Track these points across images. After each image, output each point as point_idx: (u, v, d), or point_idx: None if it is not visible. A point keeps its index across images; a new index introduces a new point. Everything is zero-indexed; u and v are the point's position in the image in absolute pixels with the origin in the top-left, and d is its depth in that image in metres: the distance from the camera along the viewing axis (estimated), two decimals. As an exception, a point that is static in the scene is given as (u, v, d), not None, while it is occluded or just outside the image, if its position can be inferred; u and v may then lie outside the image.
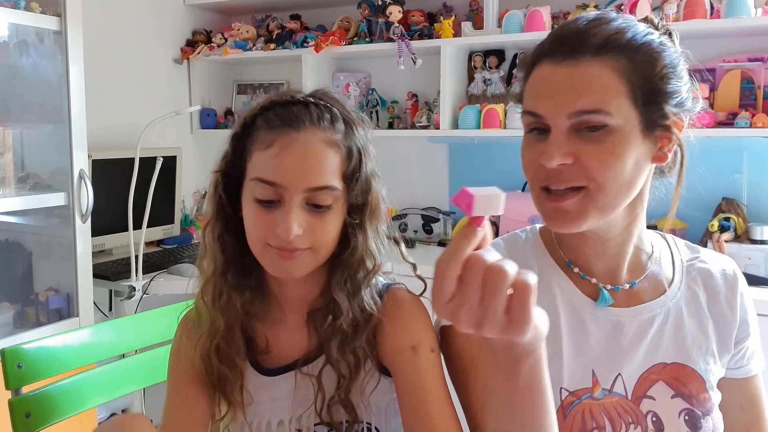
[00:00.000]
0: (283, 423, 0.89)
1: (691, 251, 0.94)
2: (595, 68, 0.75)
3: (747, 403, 0.91)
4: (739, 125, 2.04)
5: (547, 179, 0.78)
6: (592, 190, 0.76)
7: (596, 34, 0.76)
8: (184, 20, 2.93)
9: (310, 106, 0.83)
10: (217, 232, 0.86)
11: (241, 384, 0.89)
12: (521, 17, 2.32)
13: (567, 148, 0.75)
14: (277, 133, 0.80)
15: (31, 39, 1.98)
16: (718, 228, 2.12)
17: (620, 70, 0.75)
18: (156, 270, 2.27)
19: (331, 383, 0.86)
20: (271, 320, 0.91)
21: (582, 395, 0.83)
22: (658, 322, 0.86)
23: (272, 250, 0.81)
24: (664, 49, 0.78)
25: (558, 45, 0.77)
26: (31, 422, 1.16)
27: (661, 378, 0.84)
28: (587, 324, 0.85)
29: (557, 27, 0.81)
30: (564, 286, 0.87)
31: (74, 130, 1.92)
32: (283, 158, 0.79)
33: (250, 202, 0.82)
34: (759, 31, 2.12)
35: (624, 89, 0.75)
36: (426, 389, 0.82)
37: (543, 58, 0.78)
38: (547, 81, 0.77)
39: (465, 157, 2.69)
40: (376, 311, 0.87)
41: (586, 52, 0.75)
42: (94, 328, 1.37)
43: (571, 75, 0.75)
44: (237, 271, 0.87)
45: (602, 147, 0.75)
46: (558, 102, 0.75)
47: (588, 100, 0.74)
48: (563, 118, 0.75)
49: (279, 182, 0.79)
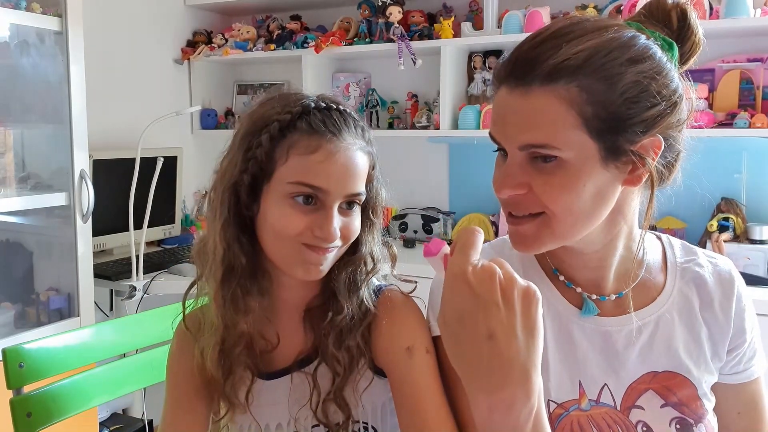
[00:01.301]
0: (282, 426, 0.90)
1: (687, 253, 0.90)
2: (543, 99, 0.70)
3: (744, 407, 0.89)
4: (738, 125, 2.05)
5: (507, 205, 0.78)
6: (549, 217, 0.75)
7: (546, 59, 0.70)
8: (184, 21, 2.93)
9: (344, 113, 0.86)
10: (233, 234, 0.85)
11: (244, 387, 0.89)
12: (521, 18, 2.32)
13: (520, 179, 0.74)
14: (321, 139, 0.82)
15: (31, 39, 1.98)
16: (718, 228, 2.12)
17: (570, 100, 0.70)
18: (157, 270, 2.27)
19: (326, 381, 0.86)
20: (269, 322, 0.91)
21: (570, 407, 0.82)
22: (649, 331, 0.84)
23: (305, 249, 0.82)
24: (629, 66, 0.71)
25: (510, 70, 0.74)
26: (33, 422, 1.16)
27: (651, 387, 0.83)
28: (574, 334, 0.84)
29: (517, 44, 0.75)
30: (549, 295, 0.85)
31: (75, 130, 1.92)
32: (328, 165, 0.81)
33: (284, 203, 0.82)
34: (758, 32, 2.12)
35: (574, 121, 0.70)
36: (421, 390, 0.83)
37: (501, 82, 0.75)
38: (502, 108, 0.75)
39: (465, 157, 2.70)
40: (373, 308, 0.88)
41: (534, 81, 0.71)
42: (94, 327, 1.37)
43: (522, 105, 0.72)
44: (246, 274, 0.87)
45: (553, 179, 0.72)
46: (509, 132, 0.74)
47: (534, 134, 0.71)
48: (514, 147, 0.74)
49: (324, 188, 0.81)
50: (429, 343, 0.86)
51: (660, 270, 0.88)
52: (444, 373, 0.85)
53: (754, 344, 0.89)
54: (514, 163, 0.74)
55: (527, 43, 0.74)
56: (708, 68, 2.20)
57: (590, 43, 0.71)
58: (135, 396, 2.37)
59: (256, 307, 0.87)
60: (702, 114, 2.08)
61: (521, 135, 0.72)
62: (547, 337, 0.82)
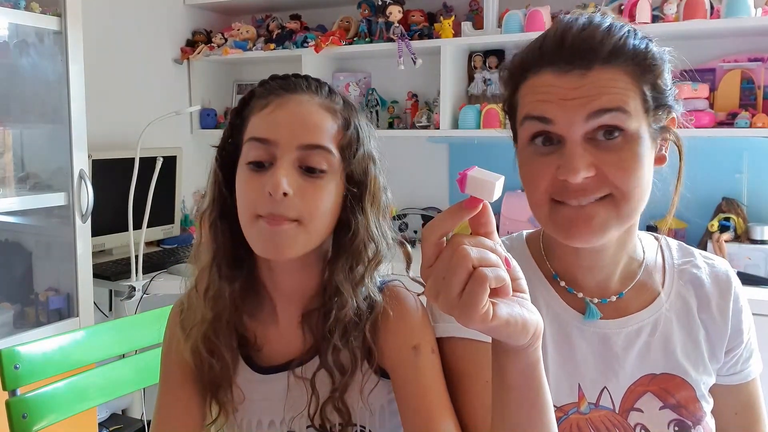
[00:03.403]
0: (275, 423, 0.88)
1: (685, 255, 0.90)
2: (608, 74, 0.72)
3: (741, 408, 0.89)
4: (739, 125, 2.04)
5: (565, 194, 0.74)
6: (617, 198, 0.73)
7: (603, 41, 0.72)
8: (184, 20, 2.93)
9: (310, 79, 0.84)
10: (212, 218, 0.84)
11: (232, 379, 0.87)
12: (521, 17, 2.32)
13: (588, 159, 0.71)
14: (273, 96, 0.80)
15: (31, 39, 1.98)
16: (718, 228, 2.11)
17: (631, 76, 0.73)
18: (156, 270, 2.27)
19: (325, 387, 0.84)
20: (264, 318, 0.90)
21: (569, 410, 0.82)
22: (646, 333, 0.84)
23: (261, 221, 0.77)
24: (661, 53, 0.77)
25: (561, 54, 0.73)
26: (28, 423, 1.16)
27: (649, 389, 0.83)
28: (573, 338, 0.83)
29: (552, 34, 0.75)
30: (549, 300, 0.85)
31: (74, 130, 1.91)
32: (276, 115, 0.78)
33: (243, 169, 0.80)
34: (759, 31, 2.12)
35: (635, 94, 0.73)
36: (426, 390, 0.81)
37: (542, 66, 0.74)
38: (554, 87, 0.73)
39: (465, 157, 2.69)
40: (379, 302, 0.84)
41: (595, 61, 0.72)
42: (94, 328, 1.37)
43: (582, 82, 0.72)
44: (228, 261, 0.85)
45: (623, 154, 0.72)
46: (573, 105, 0.71)
47: (607, 98, 0.71)
48: (579, 123, 0.71)
49: (271, 138, 0.77)
50: (434, 342, 0.85)
51: (658, 271, 0.88)
52: (446, 373, 0.85)
53: (751, 345, 0.89)
54: (577, 145, 0.72)
55: (569, 31, 0.74)
56: (709, 68, 2.20)
57: (629, 33, 0.75)
58: (134, 396, 2.37)
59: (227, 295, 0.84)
60: (703, 114, 2.08)
61: (592, 102, 0.71)
62: (547, 341, 0.82)
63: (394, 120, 2.72)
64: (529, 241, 0.91)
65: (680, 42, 0.82)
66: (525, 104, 0.77)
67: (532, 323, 0.59)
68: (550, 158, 0.74)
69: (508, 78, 0.80)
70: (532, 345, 0.61)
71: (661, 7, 2.14)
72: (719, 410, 0.87)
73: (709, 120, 2.08)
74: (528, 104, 0.76)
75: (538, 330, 0.61)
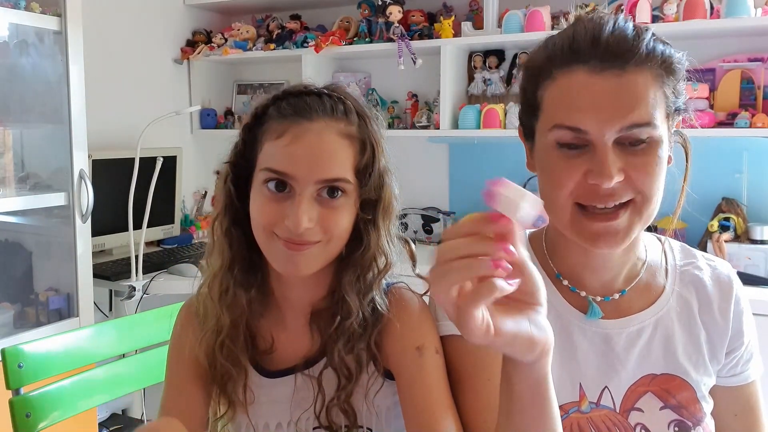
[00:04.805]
0: (282, 426, 0.88)
1: (686, 256, 0.91)
2: (640, 78, 0.72)
3: (741, 410, 0.89)
4: (739, 125, 2.04)
5: (593, 198, 0.74)
6: (639, 203, 0.74)
7: (636, 43, 0.72)
8: (184, 20, 2.93)
9: (324, 97, 0.82)
10: (225, 226, 0.85)
11: (244, 383, 0.88)
12: (521, 17, 2.32)
13: (619, 165, 0.72)
14: (289, 123, 0.79)
15: (31, 39, 1.98)
16: (718, 228, 2.11)
17: (660, 82, 0.73)
18: (156, 270, 2.27)
19: (331, 386, 0.85)
20: (272, 321, 0.90)
21: (569, 409, 0.82)
22: (648, 333, 0.84)
23: (278, 241, 0.79)
24: (681, 58, 0.77)
25: (596, 52, 0.72)
26: (32, 422, 1.16)
27: (650, 389, 0.83)
28: (574, 337, 0.83)
29: (582, 32, 0.74)
30: (552, 298, 0.83)
31: (74, 130, 1.92)
32: (295, 149, 0.77)
33: (259, 191, 0.80)
34: (759, 31, 2.12)
35: (661, 101, 0.73)
36: (430, 391, 0.81)
37: (573, 64, 0.73)
38: (587, 92, 0.72)
39: (465, 157, 2.69)
40: (386, 311, 0.85)
41: (629, 61, 0.71)
42: (94, 328, 1.37)
43: (617, 86, 0.71)
44: (243, 267, 0.86)
45: (648, 159, 0.73)
46: (605, 116, 0.71)
47: (638, 113, 0.71)
48: (611, 133, 0.71)
49: (290, 173, 0.77)
50: (438, 343, 0.85)
51: (660, 272, 0.88)
52: (449, 370, 0.85)
53: (751, 347, 0.89)
54: (609, 151, 0.72)
55: (600, 28, 0.73)
56: (709, 68, 2.20)
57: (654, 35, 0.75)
58: (134, 396, 2.37)
59: (244, 302, 0.85)
60: (703, 114, 2.08)
61: (625, 116, 0.71)
62: None
63: (394, 120, 2.72)
64: (532, 240, 0.91)
65: (680, 42, 0.82)
66: (554, 106, 0.76)
67: (540, 341, 0.58)
68: (577, 161, 0.74)
69: (530, 74, 0.79)
70: (539, 361, 0.60)
71: (661, 7, 2.14)
72: (719, 412, 0.87)
73: (709, 120, 2.08)
74: (558, 109, 0.75)
75: (546, 347, 0.59)
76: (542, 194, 0.78)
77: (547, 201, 0.76)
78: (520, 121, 0.84)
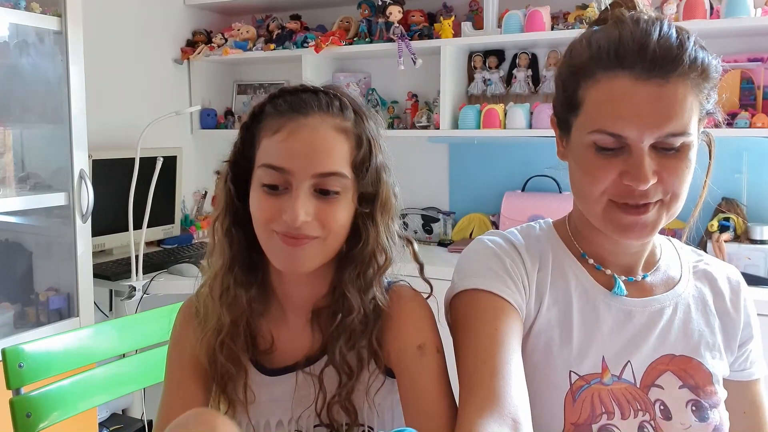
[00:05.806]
0: (282, 423, 0.88)
1: (696, 255, 0.96)
2: (681, 89, 0.74)
3: (749, 407, 0.92)
4: (738, 125, 2.05)
5: (626, 197, 0.78)
6: (667, 202, 0.78)
7: (680, 52, 0.74)
8: (184, 20, 2.93)
9: (320, 93, 0.83)
10: (226, 226, 0.85)
11: (244, 382, 0.88)
12: (521, 17, 2.32)
13: (654, 168, 0.76)
14: (285, 119, 0.79)
15: (31, 39, 1.98)
16: (718, 228, 2.12)
17: (698, 90, 0.76)
18: (156, 270, 2.27)
19: (332, 384, 0.85)
20: (273, 319, 0.90)
21: (591, 380, 0.84)
22: (668, 314, 0.87)
23: (278, 237, 0.79)
24: (717, 65, 0.80)
25: (642, 60, 0.74)
26: (32, 422, 1.16)
27: (670, 368, 0.86)
28: (600, 311, 0.86)
29: (629, 36, 0.75)
30: (579, 274, 0.88)
31: (74, 130, 1.92)
32: (291, 143, 0.78)
33: (258, 189, 0.81)
34: (759, 31, 2.12)
35: (697, 110, 0.77)
36: (431, 389, 0.82)
37: (618, 68, 0.75)
38: (630, 99, 0.74)
39: (465, 157, 2.69)
40: (386, 307, 0.85)
41: (673, 72, 0.74)
42: (94, 328, 1.37)
43: (659, 95, 0.74)
44: (244, 267, 0.86)
45: (680, 163, 0.77)
46: (645, 124, 0.74)
47: (676, 123, 0.74)
48: (648, 139, 0.75)
49: (286, 167, 0.78)
50: (439, 342, 0.86)
51: (674, 264, 0.93)
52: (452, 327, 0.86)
53: (758, 346, 0.93)
54: (643, 154, 0.75)
55: (653, 33, 0.75)
56: (708, 68, 2.19)
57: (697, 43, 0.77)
58: (134, 396, 2.37)
59: (244, 301, 0.86)
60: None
61: (663, 126, 0.74)
62: (573, 313, 0.86)
63: (394, 120, 2.72)
64: (557, 226, 0.95)
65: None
66: (596, 110, 0.78)
67: None
68: (613, 161, 0.77)
69: (572, 72, 0.81)
70: None
71: (661, 7, 2.14)
72: (730, 407, 0.89)
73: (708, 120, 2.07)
74: (601, 113, 0.77)
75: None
76: (575, 185, 0.83)
77: (580, 193, 0.83)
78: (555, 111, 0.87)
